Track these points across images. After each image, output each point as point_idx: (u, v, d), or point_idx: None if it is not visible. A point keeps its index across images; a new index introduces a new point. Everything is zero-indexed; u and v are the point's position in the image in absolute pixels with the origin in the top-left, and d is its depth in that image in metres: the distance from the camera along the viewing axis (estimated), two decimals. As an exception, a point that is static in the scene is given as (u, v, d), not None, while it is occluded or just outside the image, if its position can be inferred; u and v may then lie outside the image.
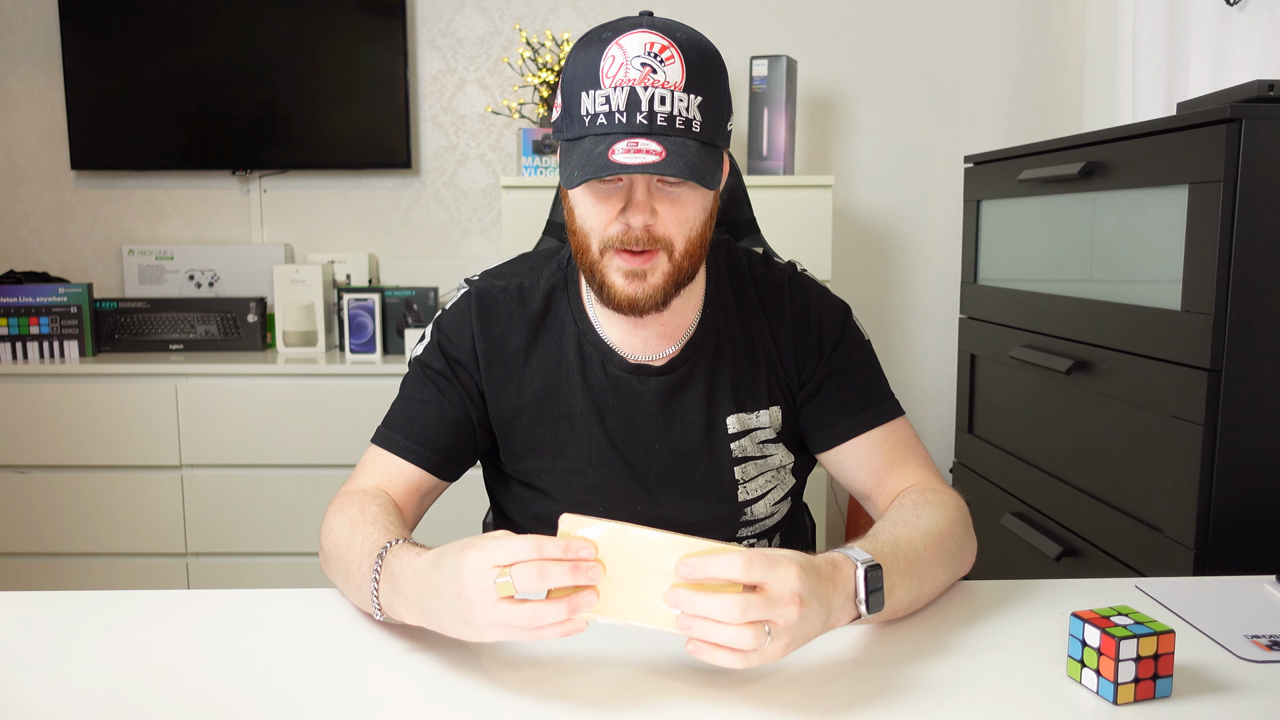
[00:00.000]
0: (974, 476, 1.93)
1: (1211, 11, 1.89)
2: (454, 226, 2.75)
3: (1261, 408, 1.22)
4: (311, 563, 2.35)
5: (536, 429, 1.05)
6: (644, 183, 0.91)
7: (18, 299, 2.45)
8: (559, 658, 0.81)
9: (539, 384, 1.04)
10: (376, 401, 2.29)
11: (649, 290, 0.94)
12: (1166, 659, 0.72)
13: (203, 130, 2.64)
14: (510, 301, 1.06)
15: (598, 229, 0.93)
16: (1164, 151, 1.32)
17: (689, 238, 0.94)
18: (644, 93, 0.88)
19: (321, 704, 0.73)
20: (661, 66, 0.88)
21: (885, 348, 2.77)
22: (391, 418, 1.07)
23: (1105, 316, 1.46)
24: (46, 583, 2.37)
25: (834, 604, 0.76)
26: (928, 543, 0.90)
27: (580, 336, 1.05)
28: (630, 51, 0.88)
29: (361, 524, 0.92)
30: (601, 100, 0.89)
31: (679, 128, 0.88)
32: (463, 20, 2.67)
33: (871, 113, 2.70)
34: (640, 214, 0.91)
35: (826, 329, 1.07)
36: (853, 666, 0.79)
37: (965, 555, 0.96)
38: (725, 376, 1.05)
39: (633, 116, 0.88)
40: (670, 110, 0.88)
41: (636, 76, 0.88)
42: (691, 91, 0.89)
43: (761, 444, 1.06)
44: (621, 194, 0.92)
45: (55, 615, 0.89)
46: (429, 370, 1.07)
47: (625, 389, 1.04)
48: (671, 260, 0.94)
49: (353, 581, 0.88)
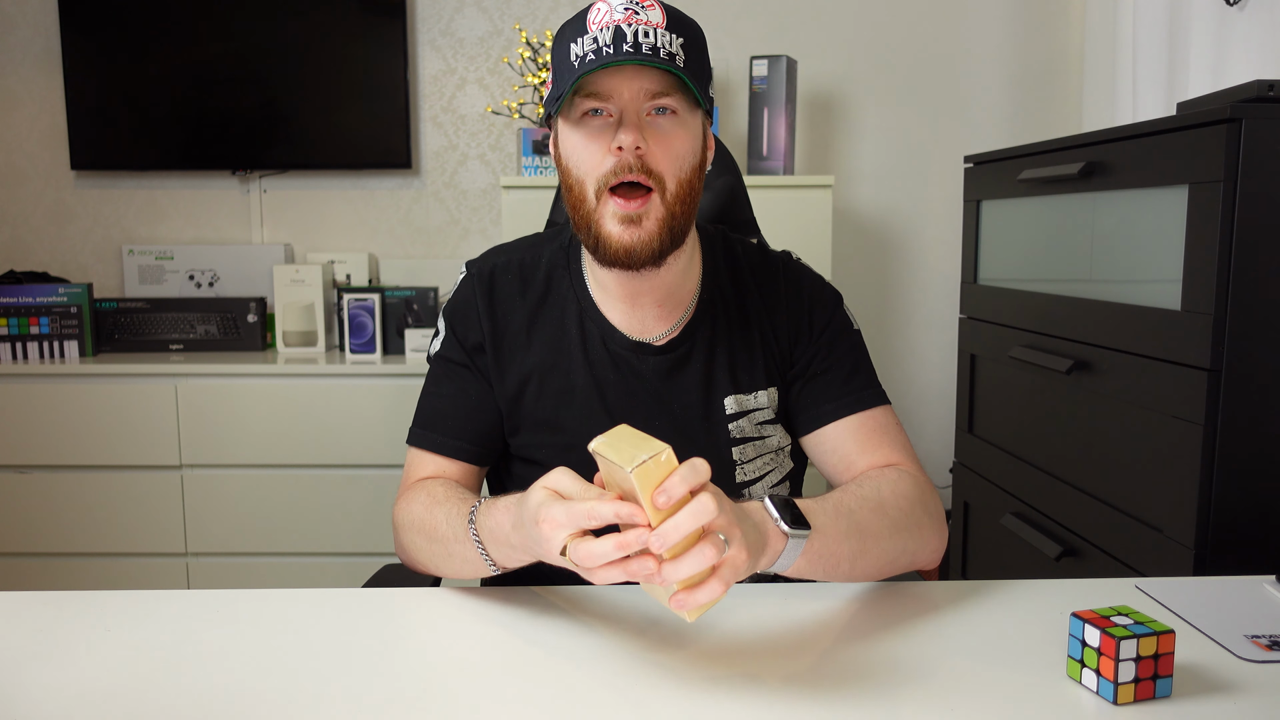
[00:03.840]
0: (974, 476, 1.93)
1: (1211, 11, 1.89)
2: (454, 226, 2.75)
3: (1261, 408, 1.22)
4: (311, 563, 2.35)
5: (538, 403, 1.07)
6: (634, 109, 0.94)
7: (18, 299, 2.45)
8: (558, 652, 0.81)
9: (541, 359, 1.07)
10: (376, 402, 2.29)
11: (644, 237, 0.96)
12: (1166, 659, 0.72)
13: (203, 130, 2.64)
14: (512, 279, 1.09)
15: (592, 169, 0.96)
16: (1164, 151, 1.32)
17: (679, 178, 0.97)
18: (629, 29, 0.92)
19: (321, 704, 0.73)
20: (644, 10, 0.93)
21: (885, 348, 2.77)
22: (423, 416, 1.10)
23: (1105, 316, 1.46)
24: (46, 583, 2.37)
25: (755, 522, 0.79)
26: (865, 504, 0.93)
27: (582, 314, 1.07)
28: (614, 2, 0.93)
29: (435, 505, 0.98)
30: (589, 41, 0.93)
31: (663, 58, 0.92)
32: (463, 20, 2.67)
33: (871, 113, 2.70)
34: (631, 133, 0.93)
35: (818, 312, 1.10)
36: (853, 666, 0.79)
37: (923, 532, 0.98)
38: (723, 358, 1.07)
39: (619, 47, 0.91)
40: (655, 42, 0.92)
41: (621, 17, 0.92)
42: (673, 31, 0.93)
43: (760, 425, 1.08)
44: (610, 129, 0.95)
45: (55, 615, 0.89)
46: (450, 364, 1.09)
47: (625, 365, 1.06)
48: (664, 201, 0.96)
49: (455, 556, 0.94)
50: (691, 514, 0.69)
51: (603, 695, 0.74)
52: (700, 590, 0.71)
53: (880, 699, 0.73)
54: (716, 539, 0.71)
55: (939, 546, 1.00)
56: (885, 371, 2.77)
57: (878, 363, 3.03)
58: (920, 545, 0.97)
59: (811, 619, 0.89)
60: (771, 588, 0.96)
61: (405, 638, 0.85)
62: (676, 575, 0.70)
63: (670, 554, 0.70)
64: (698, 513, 0.69)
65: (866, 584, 0.97)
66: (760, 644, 0.84)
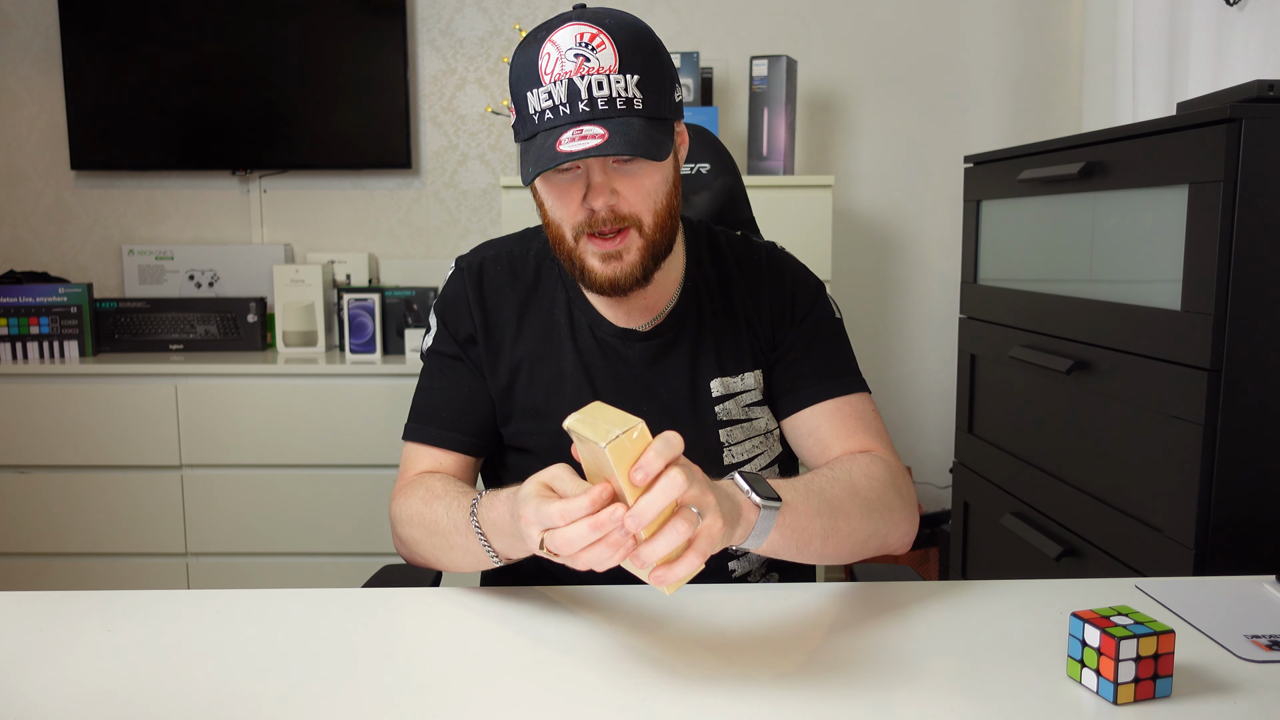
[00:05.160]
0: (974, 476, 1.93)
1: (1211, 11, 1.89)
2: (454, 226, 2.75)
3: (1261, 408, 1.22)
4: (311, 563, 2.35)
5: (529, 391, 1.08)
6: (599, 167, 0.95)
7: (18, 299, 2.45)
8: (556, 648, 0.81)
9: (531, 347, 1.08)
10: (376, 401, 2.29)
11: (626, 269, 0.98)
12: (1166, 659, 0.72)
13: (203, 130, 2.64)
14: (502, 270, 1.11)
15: (567, 218, 0.97)
16: (1164, 151, 1.32)
17: (655, 210, 0.98)
18: (581, 81, 0.91)
19: (321, 704, 0.73)
20: (594, 54, 0.92)
21: (885, 348, 2.77)
22: (418, 411, 1.11)
23: (1105, 316, 1.46)
24: (46, 583, 2.37)
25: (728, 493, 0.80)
26: (835, 484, 0.95)
27: (570, 303, 1.09)
28: (563, 45, 0.92)
29: (434, 499, 0.98)
30: (545, 96, 0.92)
31: (620, 108, 0.92)
32: (463, 20, 2.67)
33: (871, 113, 2.70)
34: (600, 196, 0.94)
35: (800, 298, 1.12)
36: (853, 665, 0.79)
37: (894, 515, 0.99)
38: (708, 342, 1.09)
39: (575, 106, 0.91)
40: (609, 93, 0.91)
41: (572, 68, 0.91)
42: (627, 71, 0.92)
43: (747, 408, 1.09)
44: (580, 182, 0.95)
45: (55, 615, 0.89)
46: (443, 357, 1.11)
47: (613, 352, 1.07)
48: (643, 235, 0.98)
49: (456, 548, 0.95)
50: (662, 490, 0.70)
51: (602, 694, 0.74)
52: (678, 564, 0.72)
53: (881, 699, 0.73)
54: (689, 513, 0.72)
55: (909, 531, 1.02)
56: (885, 371, 2.77)
57: (878, 362, 3.03)
58: (891, 528, 0.99)
59: (811, 617, 0.89)
60: (772, 587, 0.96)
61: (405, 638, 0.85)
62: (653, 556, 0.71)
63: (646, 532, 0.71)
64: (667, 488, 0.70)
65: (866, 584, 0.97)
66: (758, 643, 0.84)
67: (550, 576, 1.05)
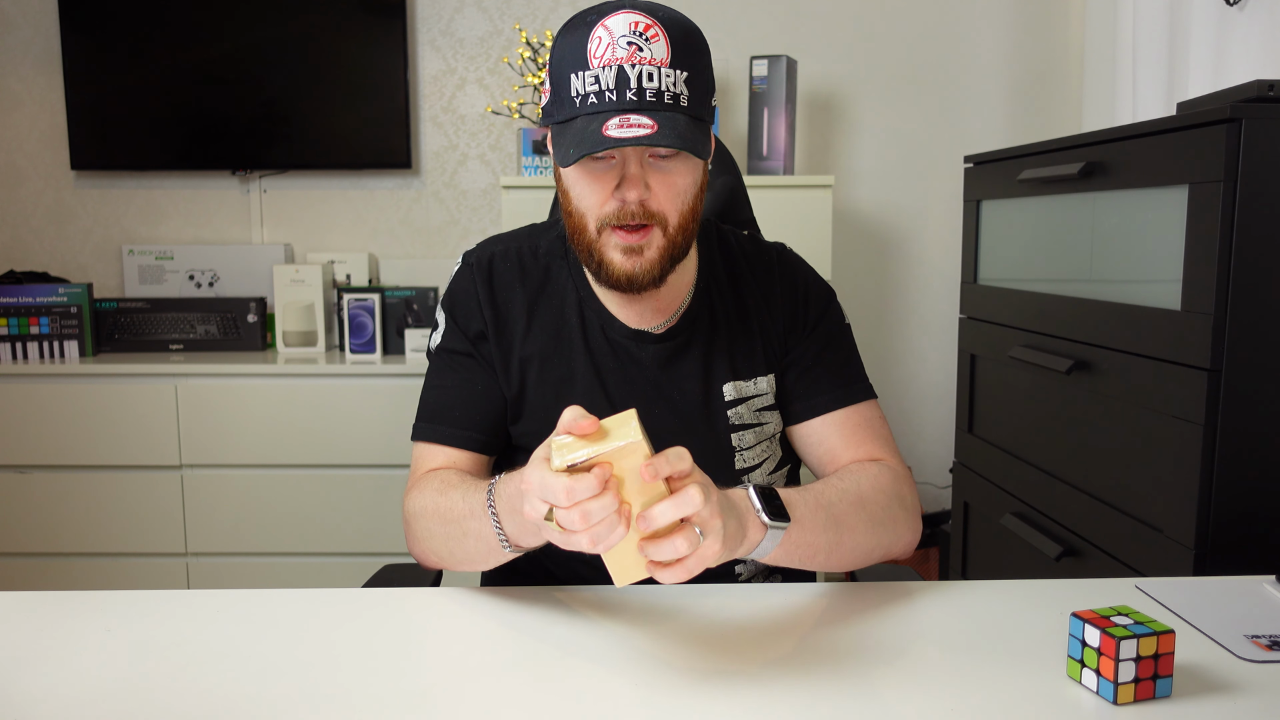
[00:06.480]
0: (974, 476, 1.93)
1: (1211, 11, 1.89)
2: (454, 226, 2.75)
3: (1261, 408, 1.22)
4: (311, 563, 2.35)
5: (540, 390, 1.06)
6: (636, 159, 0.94)
7: (18, 299, 2.45)
8: (556, 647, 0.81)
9: (541, 346, 1.07)
10: (376, 402, 2.29)
11: (646, 265, 0.97)
12: (1166, 659, 0.72)
13: (203, 130, 2.64)
14: (511, 266, 1.09)
15: (594, 208, 0.96)
16: (1164, 151, 1.32)
17: (681, 211, 0.97)
18: (632, 70, 0.90)
19: (321, 704, 0.73)
20: (647, 45, 0.91)
21: (885, 348, 2.77)
22: (429, 410, 1.08)
23: (1105, 316, 1.46)
24: (46, 583, 2.37)
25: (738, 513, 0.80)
26: (845, 497, 0.94)
27: (581, 303, 1.08)
28: (616, 31, 0.91)
29: (450, 488, 0.96)
30: (591, 80, 0.91)
31: (668, 102, 0.91)
32: (463, 20, 2.67)
33: (871, 113, 2.70)
34: (635, 189, 0.93)
35: (813, 304, 1.11)
36: (853, 665, 0.79)
37: (898, 526, 1.00)
38: (721, 345, 1.08)
39: (622, 93, 0.90)
40: (659, 85, 0.90)
41: (624, 55, 0.90)
42: (677, 67, 0.92)
43: (759, 412, 1.09)
44: (615, 171, 0.94)
45: (55, 615, 0.89)
46: (453, 355, 1.09)
47: (625, 353, 1.06)
48: (666, 235, 0.97)
49: (469, 535, 0.92)
50: (675, 505, 0.71)
51: (603, 694, 0.74)
52: (663, 573, 0.73)
53: (881, 698, 0.73)
54: (691, 533, 0.72)
55: (912, 540, 1.03)
56: (885, 371, 2.77)
57: (878, 362, 3.03)
58: (894, 539, 1.00)
59: (811, 616, 0.89)
60: (772, 587, 0.96)
61: (405, 638, 0.85)
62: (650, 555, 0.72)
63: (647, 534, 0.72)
64: (682, 505, 0.71)
65: (867, 584, 0.97)
66: (758, 643, 0.84)
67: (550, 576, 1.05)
